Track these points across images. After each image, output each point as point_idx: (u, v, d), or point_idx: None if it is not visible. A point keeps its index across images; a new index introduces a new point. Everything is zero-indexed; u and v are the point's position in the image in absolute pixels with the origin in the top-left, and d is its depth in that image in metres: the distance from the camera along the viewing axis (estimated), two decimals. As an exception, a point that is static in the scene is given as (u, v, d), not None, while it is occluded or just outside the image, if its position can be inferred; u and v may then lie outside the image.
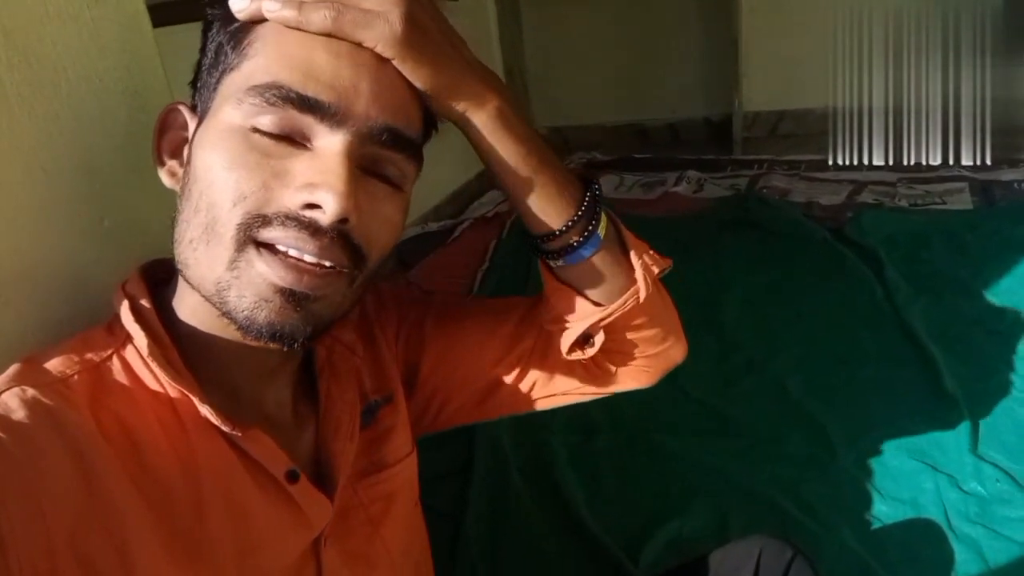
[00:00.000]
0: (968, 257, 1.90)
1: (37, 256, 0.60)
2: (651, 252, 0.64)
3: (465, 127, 0.54)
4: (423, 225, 2.54)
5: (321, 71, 0.47)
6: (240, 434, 0.50)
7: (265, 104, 0.46)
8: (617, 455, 1.39)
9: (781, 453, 1.35)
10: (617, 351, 0.68)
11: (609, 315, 0.61)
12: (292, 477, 0.52)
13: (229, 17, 0.49)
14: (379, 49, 0.47)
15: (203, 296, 0.49)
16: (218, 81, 0.50)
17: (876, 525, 1.18)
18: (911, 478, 1.25)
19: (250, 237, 0.46)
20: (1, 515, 0.38)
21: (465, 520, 1.25)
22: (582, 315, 0.62)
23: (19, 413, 0.43)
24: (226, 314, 0.48)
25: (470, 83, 0.53)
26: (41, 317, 0.60)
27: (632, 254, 0.62)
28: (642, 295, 0.61)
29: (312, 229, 0.46)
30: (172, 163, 0.54)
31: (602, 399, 0.73)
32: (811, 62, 2.87)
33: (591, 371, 0.69)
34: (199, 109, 0.52)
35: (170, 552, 0.46)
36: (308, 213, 0.46)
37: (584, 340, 0.65)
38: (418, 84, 0.50)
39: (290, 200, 0.46)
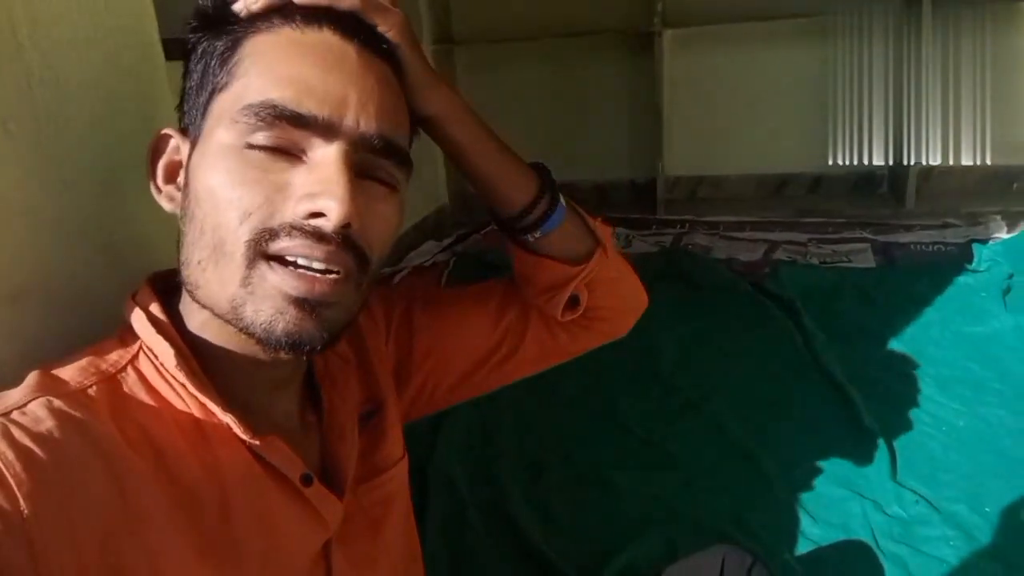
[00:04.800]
0: (876, 309, 2.07)
1: (53, 265, 0.60)
2: (596, 218, 0.72)
3: (443, 118, 0.61)
4: (361, 274, 2.54)
5: (312, 87, 0.48)
6: (259, 442, 0.51)
7: (259, 122, 0.48)
8: (568, 490, 1.43)
9: (721, 485, 1.43)
10: (599, 306, 0.74)
11: (592, 270, 0.69)
12: (307, 481, 0.53)
13: (215, 36, 0.52)
14: (392, 34, 0.54)
15: (216, 314, 0.50)
16: (207, 102, 0.51)
17: (811, 547, 1.26)
18: (840, 504, 1.35)
19: (260, 252, 0.48)
20: (34, 527, 0.39)
21: (423, 556, 1.25)
22: (567, 277, 0.69)
23: (48, 423, 0.43)
24: (243, 329, 0.49)
25: (441, 79, 0.60)
26: (54, 324, 0.60)
27: (587, 218, 0.70)
28: (609, 249, 0.70)
29: (318, 236, 0.48)
30: (169, 188, 0.55)
31: (550, 437, 0.76)
32: (727, 132, 3.11)
33: (573, 331, 0.75)
34: (190, 132, 0.53)
35: (199, 555, 0.46)
36: (313, 222, 0.48)
37: (571, 301, 0.71)
38: (416, 70, 0.57)
39: (293, 211, 0.48)
